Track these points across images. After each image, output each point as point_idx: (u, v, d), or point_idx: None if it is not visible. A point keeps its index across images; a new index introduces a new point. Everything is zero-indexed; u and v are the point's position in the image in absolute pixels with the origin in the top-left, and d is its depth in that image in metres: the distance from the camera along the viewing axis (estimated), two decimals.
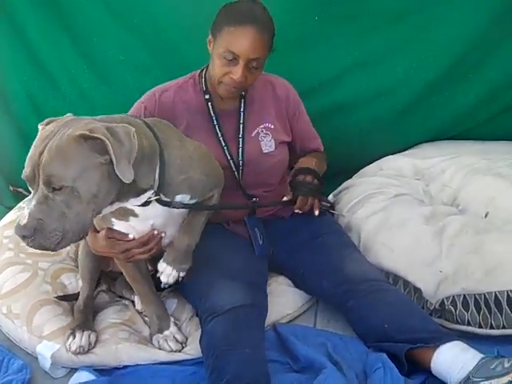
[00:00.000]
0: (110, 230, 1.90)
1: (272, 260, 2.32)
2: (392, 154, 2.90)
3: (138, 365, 2.02)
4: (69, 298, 2.24)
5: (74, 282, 2.32)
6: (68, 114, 1.69)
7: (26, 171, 1.54)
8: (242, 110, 2.26)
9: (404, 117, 2.89)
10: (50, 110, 2.90)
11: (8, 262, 2.32)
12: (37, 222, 1.50)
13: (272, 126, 2.31)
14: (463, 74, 2.79)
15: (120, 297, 2.35)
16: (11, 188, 3.00)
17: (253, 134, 2.28)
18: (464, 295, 2.04)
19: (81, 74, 2.85)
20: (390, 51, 2.76)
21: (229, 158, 2.22)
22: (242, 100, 2.26)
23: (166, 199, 1.82)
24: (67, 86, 2.87)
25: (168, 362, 2.03)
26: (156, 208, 1.83)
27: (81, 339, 1.99)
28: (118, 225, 1.90)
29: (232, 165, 2.23)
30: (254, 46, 2.02)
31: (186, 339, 2.12)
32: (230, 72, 2.05)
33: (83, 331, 2.02)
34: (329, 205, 2.59)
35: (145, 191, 1.75)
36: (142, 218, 1.87)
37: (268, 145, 2.29)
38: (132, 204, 1.78)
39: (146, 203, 1.79)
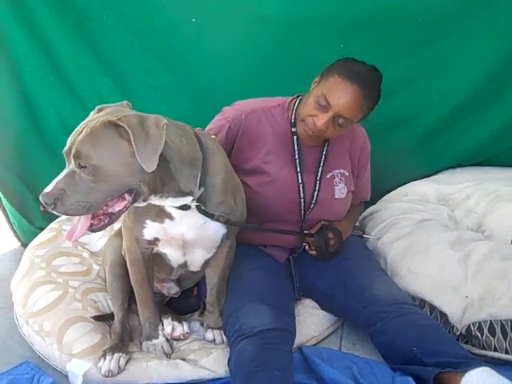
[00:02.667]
0: None
1: (300, 281, 2.35)
2: (416, 179, 2.93)
3: None
4: (105, 318, 2.27)
5: (104, 302, 2.36)
6: (125, 101, 1.88)
7: (66, 146, 1.68)
8: (324, 152, 2.27)
9: (428, 143, 2.93)
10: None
11: (40, 281, 2.36)
12: (58, 192, 1.64)
13: (347, 174, 2.34)
14: (487, 100, 2.83)
15: None
16: (42, 208, 3.02)
17: (328, 176, 2.30)
18: (490, 321, 2.06)
19: (111, 97, 2.89)
20: (414, 78, 2.82)
21: (301, 196, 2.25)
22: (326, 143, 2.27)
23: (207, 211, 1.90)
24: (94, 103, 2.92)
25: (196, 381, 2.06)
26: (193, 218, 1.92)
27: (110, 362, 2.02)
28: (151, 227, 1.97)
29: (302, 202, 2.26)
30: (350, 106, 2.03)
31: (172, 352, 2.18)
32: (315, 116, 2.07)
33: (113, 354, 2.04)
34: (361, 232, 2.61)
35: (184, 195, 1.84)
36: (177, 223, 1.94)
37: (341, 191, 2.32)
38: (170, 204, 1.87)
39: (186, 207, 1.87)
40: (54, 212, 1.66)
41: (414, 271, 2.28)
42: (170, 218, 1.94)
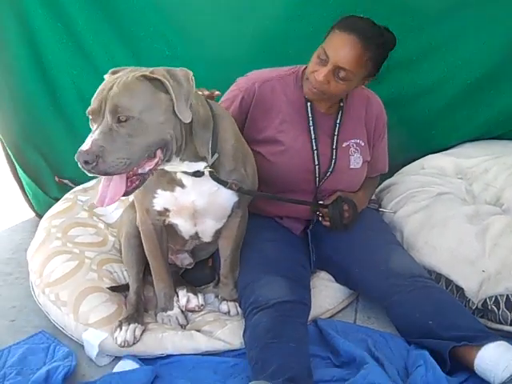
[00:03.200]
0: None
1: (317, 254, 2.34)
2: (434, 152, 2.90)
3: (181, 355, 2.05)
4: (121, 289, 2.27)
5: (120, 272, 2.36)
6: (130, 67, 1.78)
7: (93, 105, 1.65)
8: (338, 120, 2.26)
9: (447, 115, 2.89)
10: None
11: (56, 251, 2.37)
12: (99, 149, 1.57)
13: (363, 144, 2.32)
14: (508, 73, 2.78)
15: None
16: (57, 179, 3.05)
17: (344, 145, 2.28)
18: (507, 295, 2.04)
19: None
20: (435, 48, 2.77)
21: (316, 163, 2.23)
22: (340, 111, 2.26)
23: (221, 178, 1.89)
24: None
25: (211, 352, 2.07)
26: (204, 185, 1.91)
27: (126, 332, 2.03)
28: (162, 196, 1.96)
29: (316, 171, 2.24)
30: (346, 55, 2.01)
31: (187, 323, 2.18)
32: (316, 71, 2.06)
33: (129, 324, 2.05)
34: (377, 206, 2.59)
35: (198, 160, 1.84)
36: (188, 191, 1.94)
37: (356, 161, 2.31)
38: (185, 169, 1.86)
39: (199, 174, 1.87)
40: (91, 172, 1.59)
41: (430, 245, 2.26)
42: (181, 185, 1.93)
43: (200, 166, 1.86)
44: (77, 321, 2.13)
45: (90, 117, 1.67)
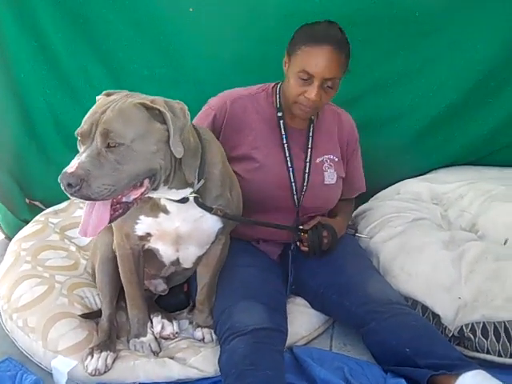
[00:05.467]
0: None
1: (293, 278, 2.31)
2: (408, 178, 2.91)
3: (153, 383, 2.00)
4: (93, 316, 2.21)
5: (91, 298, 2.30)
6: (124, 91, 1.78)
7: (84, 127, 1.60)
8: (311, 134, 2.27)
9: (422, 140, 2.90)
10: (70, 124, 2.87)
11: (25, 275, 2.30)
12: (85, 173, 1.52)
13: (336, 159, 2.32)
14: (483, 98, 2.81)
15: None
16: (27, 201, 2.99)
17: (317, 161, 2.28)
18: (483, 323, 2.03)
19: (104, 87, 2.81)
20: (410, 73, 2.79)
21: (292, 180, 2.22)
22: (312, 125, 2.26)
23: (205, 204, 1.87)
24: (89, 100, 2.84)
25: (184, 380, 2.02)
26: (189, 211, 1.88)
27: (98, 360, 1.97)
28: (144, 222, 1.92)
29: (293, 187, 2.23)
30: (330, 66, 2.03)
31: (160, 350, 2.13)
32: (304, 92, 2.06)
33: (101, 352, 1.99)
34: (353, 231, 2.57)
35: (186, 186, 1.80)
36: (172, 217, 1.90)
37: (330, 177, 2.30)
38: (172, 197, 1.82)
39: (184, 200, 1.84)
40: (74, 195, 1.54)
41: (406, 271, 2.25)
42: (165, 211, 1.89)
43: (187, 192, 1.82)
44: (45, 348, 2.06)
45: (79, 138, 1.62)
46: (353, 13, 2.62)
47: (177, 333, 2.19)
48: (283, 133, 2.22)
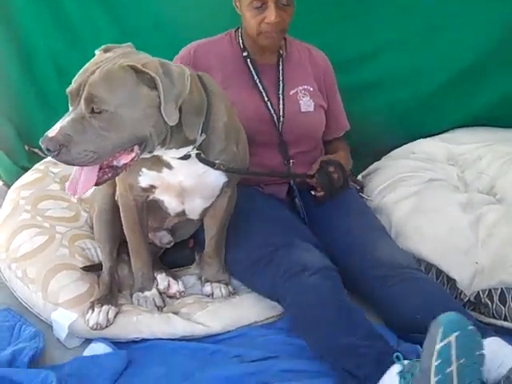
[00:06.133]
0: None
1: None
2: (424, 137, 2.81)
3: (157, 339, 1.93)
4: (94, 268, 2.13)
5: (93, 249, 2.22)
6: (128, 43, 1.68)
7: (73, 86, 1.52)
8: (280, 66, 2.24)
9: (438, 100, 2.80)
10: (72, 71, 2.74)
11: (24, 225, 2.22)
12: (64, 138, 1.46)
13: (311, 89, 2.28)
14: (499, 61, 2.71)
15: None
16: (27, 148, 2.89)
17: (291, 93, 2.25)
18: (501, 289, 1.96)
19: (108, 33, 2.73)
20: (431, 29, 2.69)
21: (272, 112, 2.19)
22: (280, 58, 2.24)
23: (208, 159, 1.78)
24: (92, 47, 2.72)
25: (188, 337, 1.95)
26: (192, 166, 1.79)
27: (99, 314, 1.90)
28: (146, 175, 1.85)
29: (275, 119, 2.19)
30: None
31: (165, 305, 2.07)
32: (264, 18, 2.05)
33: (102, 306, 1.92)
34: (358, 187, 2.49)
35: (188, 144, 1.71)
36: (175, 172, 1.82)
37: (307, 104, 2.26)
38: (172, 155, 1.74)
39: (186, 157, 1.75)
40: (55, 159, 1.49)
41: (421, 232, 2.16)
42: (168, 167, 1.80)
43: (188, 149, 1.73)
44: (45, 300, 1.99)
45: (69, 96, 1.53)
46: None
47: (183, 292, 2.12)
48: (252, 70, 2.20)
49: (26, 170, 2.78)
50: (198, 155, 1.75)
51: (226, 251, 2.12)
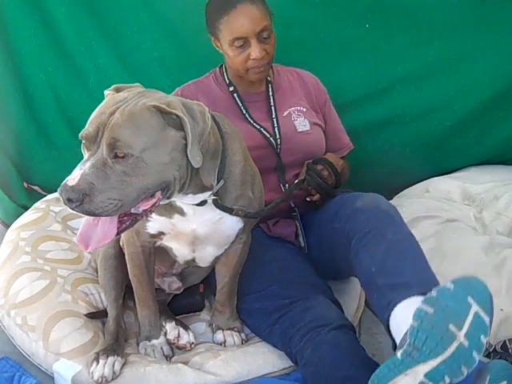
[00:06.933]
0: None
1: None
2: (437, 175, 2.75)
3: None
4: (99, 315, 2.02)
5: (97, 294, 2.11)
6: (136, 84, 1.57)
7: (89, 130, 1.40)
8: (270, 93, 2.20)
9: (453, 137, 2.74)
10: (73, 105, 2.73)
11: (24, 268, 2.11)
12: (88, 186, 1.34)
13: (304, 109, 2.24)
14: None
15: None
16: (26, 185, 2.80)
17: (284, 114, 2.20)
18: None
19: (110, 67, 2.66)
20: (443, 66, 2.63)
21: (268, 135, 2.13)
22: (269, 85, 2.20)
23: (225, 205, 1.67)
24: (94, 80, 2.68)
25: None
26: (207, 213, 1.69)
27: (104, 367, 1.78)
28: (156, 221, 1.73)
29: (272, 141, 2.13)
30: (255, 19, 1.99)
31: (173, 354, 1.96)
32: (249, 56, 2.02)
33: (108, 357, 1.80)
34: None
35: (204, 190, 1.60)
36: (188, 219, 1.71)
37: (302, 124, 2.20)
38: (188, 201, 1.63)
39: (202, 203, 1.64)
40: (74, 210, 1.37)
41: (443, 275, 2.05)
42: (181, 213, 1.69)
43: (205, 195, 1.62)
44: (47, 349, 1.87)
45: (83, 141, 1.42)
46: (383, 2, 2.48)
47: (193, 343, 1.98)
48: (240, 104, 2.16)
49: (24, 207, 2.71)
50: (215, 201, 1.64)
51: (238, 298, 2.02)
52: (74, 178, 1.34)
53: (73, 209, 1.36)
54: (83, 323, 1.94)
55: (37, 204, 2.51)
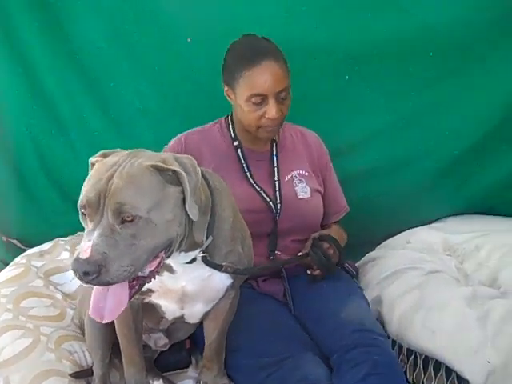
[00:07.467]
0: None
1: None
2: (416, 225, 2.77)
3: None
4: (84, 375, 1.98)
5: (80, 352, 2.06)
6: (118, 149, 1.55)
7: (89, 198, 1.37)
8: (275, 153, 2.19)
9: (432, 187, 2.78)
10: (55, 158, 2.73)
11: (6, 325, 2.04)
12: (102, 257, 1.31)
13: (306, 174, 2.24)
14: (497, 145, 2.69)
15: None
16: (4, 238, 2.76)
17: (286, 179, 2.20)
18: None
19: (91, 118, 2.67)
20: (422, 116, 2.67)
21: (268, 200, 2.12)
22: (274, 144, 2.19)
23: (214, 262, 1.66)
24: (77, 132, 2.69)
25: None
26: (196, 270, 1.67)
27: None
28: None
29: (272, 206, 2.12)
30: (278, 79, 1.99)
31: None
32: (264, 114, 2.00)
33: None
34: (354, 272, 2.37)
35: (195, 247, 1.59)
36: (177, 276, 1.69)
37: (303, 190, 2.21)
38: (179, 260, 1.61)
39: (191, 260, 1.63)
40: (89, 283, 1.34)
41: (428, 329, 2.07)
42: (170, 270, 1.67)
43: (195, 253, 1.61)
44: None
45: (82, 211, 1.40)
46: (363, 50, 2.53)
47: None
48: (243, 161, 2.15)
49: (2, 261, 2.65)
50: (204, 258, 1.64)
51: (226, 354, 1.99)
52: (85, 250, 1.31)
53: (88, 282, 1.33)
54: (68, 383, 1.89)
55: (17, 259, 2.45)
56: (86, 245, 1.33)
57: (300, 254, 2.13)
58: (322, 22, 2.48)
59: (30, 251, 2.50)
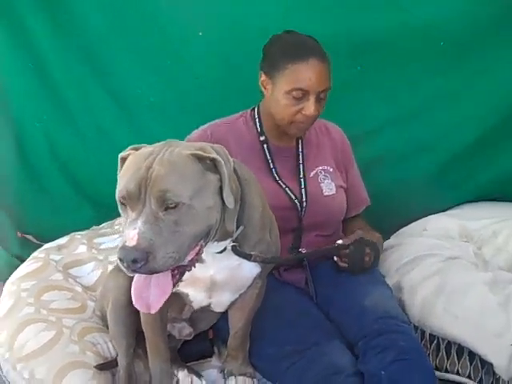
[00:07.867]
0: None
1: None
2: (430, 213, 2.77)
3: None
4: (109, 366, 1.97)
5: (103, 344, 2.05)
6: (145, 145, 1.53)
7: (130, 187, 1.36)
8: (300, 150, 2.18)
9: (447, 174, 2.79)
10: (67, 152, 2.74)
11: (28, 319, 2.05)
12: (149, 244, 1.31)
13: (331, 170, 2.23)
14: (508, 133, 2.70)
15: None
16: (19, 234, 2.76)
17: (311, 175, 2.18)
18: None
19: (103, 112, 2.68)
20: (433, 105, 2.68)
21: (293, 197, 2.10)
22: (300, 140, 2.18)
23: (244, 251, 1.66)
24: (88, 127, 2.70)
25: None
26: (226, 259, 1.67)
27: None
28: None
29: (297, 204, 2.11)
30: (322, 78, 1.98)
31: None
32: (301, 109, 1.98)
33: None
34: None
35: (227, 236, 1.59)
36: (206, 265, 1.68)
37: (329, 187, 2.19)
38: (212, 249, 1.61)
39: (222, 250, 1.64)
40: (136, 272, 1.34)
41: (451, 314, 2.08)
42: (200, 260, 1.64)
43: (226, 242, 1.61)
44: None
45: (122, 201, 1.40)
46: (374, 39, 2.54)
47: None
48: (269, 157, 2.13)
49: (17, 257, 2.66)
50: (234, 248, 1.63)
51: (250, 343, 1.99)
52: (132, 238, 1.31)
53: (135, 270, 1.32)
54: (92, 375, 1.88)
55: (35, 253, 2.45)
56: (131, 233, 1.32)
57: (339, 242, 2.10)
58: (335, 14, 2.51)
59: (48, 245, 2.50)
